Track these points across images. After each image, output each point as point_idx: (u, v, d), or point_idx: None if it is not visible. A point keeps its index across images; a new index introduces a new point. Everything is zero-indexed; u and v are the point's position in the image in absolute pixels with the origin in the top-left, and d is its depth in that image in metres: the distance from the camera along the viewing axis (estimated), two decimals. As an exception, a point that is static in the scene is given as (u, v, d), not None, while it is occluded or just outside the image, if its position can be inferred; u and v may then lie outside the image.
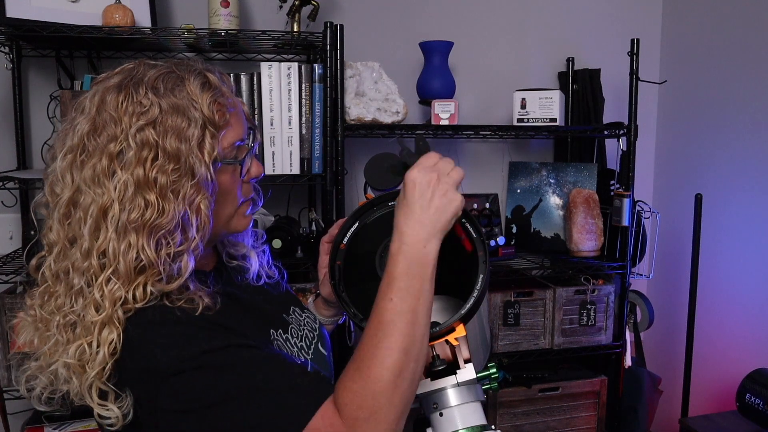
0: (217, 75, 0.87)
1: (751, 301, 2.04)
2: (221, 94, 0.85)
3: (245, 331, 0.86)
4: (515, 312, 1.92)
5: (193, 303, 0.80)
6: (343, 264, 0.82)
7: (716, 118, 2.18)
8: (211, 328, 0.79)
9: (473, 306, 0.77)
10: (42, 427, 1.71)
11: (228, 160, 0.86)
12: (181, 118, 0.81)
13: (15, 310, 1.58)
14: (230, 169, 0.87)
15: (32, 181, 1.62)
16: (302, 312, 1.08)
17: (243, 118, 0.89)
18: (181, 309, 0.79)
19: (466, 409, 0.81)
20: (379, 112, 1.86)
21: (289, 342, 0.97)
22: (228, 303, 0.88)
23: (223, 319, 0.83)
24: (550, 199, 2.21)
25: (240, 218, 0.92)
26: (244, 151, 0.90)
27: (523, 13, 2.31)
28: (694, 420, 1.89)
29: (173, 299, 0.80)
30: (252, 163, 0.92)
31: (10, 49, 1.84)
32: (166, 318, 0.78)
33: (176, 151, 0.80)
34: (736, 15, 2.10)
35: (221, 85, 0.87)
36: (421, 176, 0.81)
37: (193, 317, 0.80)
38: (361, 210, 0.84)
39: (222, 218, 0.89)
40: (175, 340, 0.77)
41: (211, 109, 0.82)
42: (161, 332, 0.77)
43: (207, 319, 0.80)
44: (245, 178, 0.90)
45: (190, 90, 0.82)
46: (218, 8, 1.74)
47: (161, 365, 0.75)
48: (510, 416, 1.96)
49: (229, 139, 0.86)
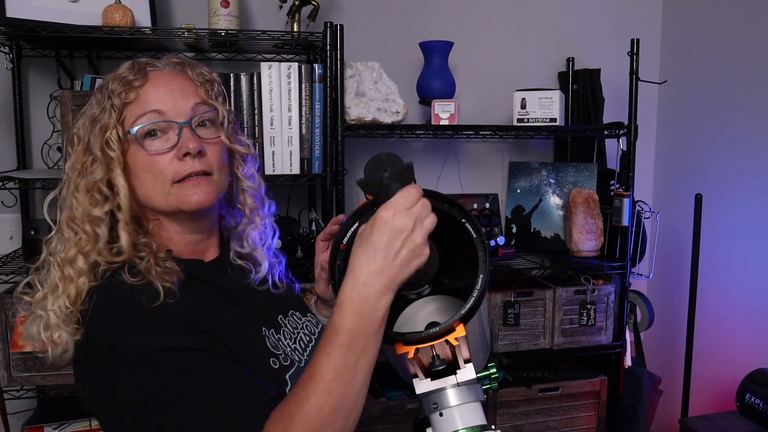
0: (152, 64, 0.96)
1: (751, 301, 2.04)
2: (134, 79, 0.92)
3: (227, 325, 0.89)
4: (515, 312, 1.92)
5: (151, 288, 0.84)
6: (343, 264, 0.82)
7: (716, 118, 2.18)
8: (175, 326, 0.83)
9: (473, 306, 0.77)
10: (42, 427, 1.71)
11: (127, 133, 0.91)
12: (95, 107, 0.93)
13: (15, 310, 1.59)
14: (137, 144, 0.92)
15: (32, 181, 1.62)
16: (303, 316, 1.08)
17: (152, 101, 0.93)
18: (148, 296, 0.83)
19: (466, 409, 0.81)
20: (379, 112, 1.86)
21: (281, 342, 0.98)
22: (214, 295, 0.93)
23: (196, 314, 0.86)
24: (550, 199, 2.21)
25: (181, 196, 0.92)
26: (153, 129, 0.92)
27: (523, 13, 2.31)
28: (694, 420, 1.89)
29: (129, 274, 0.86)
30: (163, 141, 0.92)
31: (10, 49, 1.84)
32: (131, 303, 0.83)
33: (83, 132, 0.92)
34: (736, 15, 2.10)
35: (136, 71, 0.93)
36: (396, 221, 0.72)
37: (160, 311, 0.83)
38: (361, 210, 0.83)
39: (157, 194, 0.92)
40: (135, 329, 0.81)
41: (117, 92, 0.91)
42: (126, 317, 0.83)
43: (177, 316, 0.84)
44: (151, 152, 0.91)
45: (112, 78, 0.93)
46: (218, 8, 1.74)
47: (116, 351, 0.81)
48: (510, 416, 1.96)
49: (131, 118, 0.92)
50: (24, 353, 1.58)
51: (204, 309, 0.89)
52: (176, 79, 0.96)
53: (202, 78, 0.98)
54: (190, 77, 0.97)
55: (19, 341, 1.56)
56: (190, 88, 0.96)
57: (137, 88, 0.92)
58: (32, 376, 1.61)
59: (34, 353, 1.59)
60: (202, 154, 0.93)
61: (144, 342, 0.80)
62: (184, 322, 0.84)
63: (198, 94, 0.96)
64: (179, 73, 0.97)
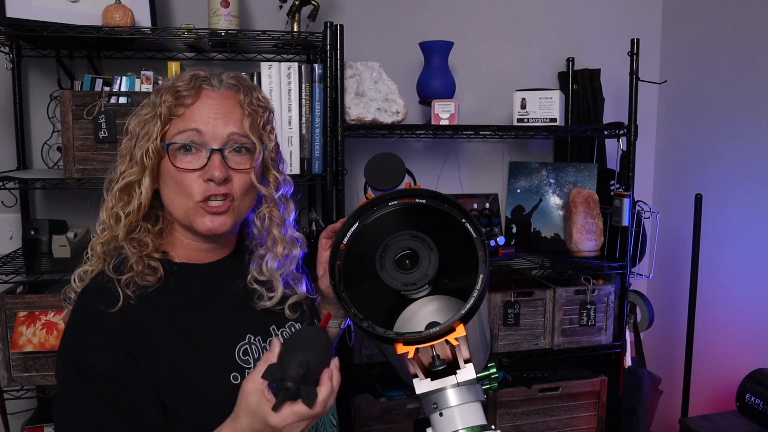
0: (210, 81, 0.98)
1: (751, 301, 2.04)
2: (187, 95, 0.96)
3: (180, 345, 0.93)
4: (515, 312, 1.92)
5: (113, 293, 0.92)
6: (343, 264, 0.82)
7: (716, 118, 2.18)
8: (108, 346, 0.89)
9: (473, 306, 0.77)
10: (42, 427, 1.71)
11: (165, 144, 0.95)
12: (149, 109, 0.98)
13: (15, 310, 1.58)
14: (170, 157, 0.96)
15: (32, 181, 1.62)
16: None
17: (197, 119, 0.96)
18: (107, 302, 0.91)
19: (466, 409, 0.81)
20: (379, 112, 1.86)
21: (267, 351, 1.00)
22: (184, 306, 0.97)
23: (146, 333, 0.92)
24: (550, 199, 2.21)
25: (197, 216, 0.96)
26: (187, 145, 0.95)
27: (523, 13, 2.31)
28: (694, 420, 1.89)
29: (113, 270, 0.94)
30: (192, 161, 0.96)
31: (10, 49, 1.84)
32: (88, 312, 0.92)
33: (132, 132, 0.98)
34: (737, 15, 2.10)
35: (190, 87, 0.96)
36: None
37: (110, 324, 0.90)
38: (361, 210, 0.83)
39: (179, 206, 0.96)
40: (81, 336, 0.91)
41: (167, 104, 0.95)
42: (79, 324, 0.92)
43: (121, 334, 0.90)
44: (179, 168, 0.95)
45: (169, 86, 0.97)
46: (218, 8, 1.74)
47: (63, 347, 0.92)
48: (510, 416, 1.97)
49: (173, 131, 0.96)
50: (24, 353, 1.59)
51: (161, 325, 0.94)
52: (226, 102, 0.98)
53: (253, 105, 1.00)
54: (240, 103, 0.99)
55: (18, 341, 1.56)
56: (236, 114, 0.98)
57: (187, 105, 0.96)
58: (32, 376, 1.61)
59: (34, 353, 1.59)
60: (228, 180, 0.96)
61: (81, 349, 0.90)
62: (121, 344, 0.89)
63: (240, 124, 0.98)
64: (231, 96, 0.99)
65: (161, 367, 0.91)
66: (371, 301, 0.80)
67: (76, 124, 1.59)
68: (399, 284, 0.79)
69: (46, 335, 1.57)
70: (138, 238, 0.97)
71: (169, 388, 0.90)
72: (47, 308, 1.58)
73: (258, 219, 1.05)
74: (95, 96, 1.59)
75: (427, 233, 0.80)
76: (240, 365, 0.97)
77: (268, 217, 1.04)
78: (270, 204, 1.04)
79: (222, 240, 1.03)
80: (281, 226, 1.06)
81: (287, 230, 1.08)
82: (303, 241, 1.12)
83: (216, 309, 1.00)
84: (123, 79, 1.71)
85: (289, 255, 1.07)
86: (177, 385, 0.91)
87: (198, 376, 0.92)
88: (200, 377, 0.92)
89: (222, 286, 1.02)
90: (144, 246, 0.97)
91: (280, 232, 1.06)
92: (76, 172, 1.60)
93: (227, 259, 1.05)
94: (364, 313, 0.79)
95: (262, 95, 1.03)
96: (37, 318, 1.58)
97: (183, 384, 0.91)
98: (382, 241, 0.81)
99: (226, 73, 1.02)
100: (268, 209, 1.04)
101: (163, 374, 0.90)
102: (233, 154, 0.97)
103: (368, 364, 1.84)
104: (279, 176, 1.05)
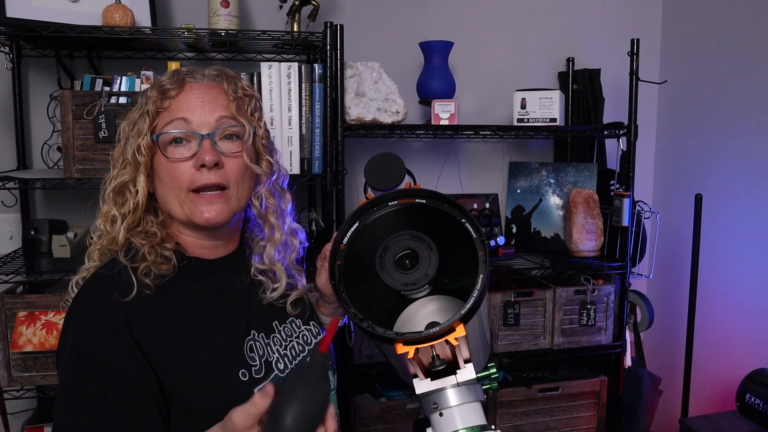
0: (193, 74, 0.99)
1: (751, 301, 2.04)
2: (171, 88, 0.97)
3: (191, 341, 0.92)
4: (515, 312, 1.92)
5: (127, 281, 0.91)
6: (343, 264, 0.82)
7: (716, 118, 2.18)
8: (118, 340, 0.87)
9: (473, 306, 0.77)
10: (42, 427, 1.71)
11: (155, 136, 0.96)
12: (136, 109, 0.99)
13: (15, 310, 1.59)
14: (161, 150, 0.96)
15: (32, 181, 1.62)
16: (303, 324, 1.09)
17: (183, 108, 0.96)
18: (121, 291, 0.90)
19: (466, 409, 0.81)
20: (379, 112, 1.86)
21: (270, 347, 1.00)
22: (195, 300, 0.96)
23: (155, 328, 0.90)
24: (550, 199, 2.21)
25: (193, 207, 0.96)
26: (177, 137, 0.96)
27: (523, 13, 2.31)
28: (694, 420, 1.89)
29: (126, 257, 0.94)
30: (182, 150, 0.96)
31: (10, 49, 1.84)
32: (97, 303, 0.90)
33: (122, 134, 1.00)
34: (737, 15, 2.10)
35: (174, 81, 0.97)
36: None
37: (118, 317, 0.88)
38: (361, 210, 0.83)
39: (174, 200, 0.96)
40: (86, 328, 0.89)
41: (153, 99, 0.96)
42: (85, 316, 0.90)
43: (130, 328, 0.88)
44: (171, 159, 0.95)
45: (153, 84, 0.99)
46: (218, 8, 1.74)
47: (64, 335, 0.91)
48: (510, 416, 1.97)
49: (161, 124, 0.96)
50: (24, 353, 1.58)
51: (172, 317, 0.92)
52: (210, 90, 0.98)
53: (238, 93, 1.00)
54: (225, 90, 0.99)
55: (18, 341, 1.56)
56: (221, 100, 0.98)
57: (172, 98, 0.97)
58: (32, 376, 1.61)
59: (34, 353, 1.59)
60: (219, 166, 0.95)
61: (91, 342, 0.87)
62: (130, 335, 0.88)
63: (227, 108, 0.98)
64: (215, 86, 0.99)
65: (170, 361, 0.90)
66: (371, 301, 0.80)
67: (76, 124, 1.59)
68: (399, 284, 0.79)
69: (46, 335, 1.57)
70: (144, 230, 0.98)
71: (176, 382, 0.90)
72: (47, 308, 1.58)
73: (256, 199, 1.05)
74: (95, 96, 1.59)
75: (427, 233, 0.80)
76: (247, 362, 0.96)
77: (266, 198, 1.05)
78: (266, 186, 1.05)
79: (225, 235, 1.03)
80: (277, 214, 1.06)
81: (285, 220, 1.08)
82: (303, 232, 1.12)
83: (224, 304, 1.00)
84: (123, 79, 1.71)
85: (288, 244, 1.08)
86: (185, 378, 0.90)
87: (207, 371, 0.92)
88: (210, 372, 0.92)
89: (228, 282, 1.03)
90: (152, 236, 0.97)
91: (277, 219, 1.06)
92: (76, 172, 1.60)
93: (232, 255, 1.06)
94: (364, 313, 0.79)
95: (246, 84, 1.03)
96: (37, 318, 1.58)
97: (191, 378, 0.90)
98: (382, 241, 0.81)
99: (209, 68, 1.03)
100: (265, 190, 1.04)
101: (171, 367, 0.90)
102: (224, 141, 0.97)
103: (368, 364, 1.84)
104: (273, 161, 1.05)
